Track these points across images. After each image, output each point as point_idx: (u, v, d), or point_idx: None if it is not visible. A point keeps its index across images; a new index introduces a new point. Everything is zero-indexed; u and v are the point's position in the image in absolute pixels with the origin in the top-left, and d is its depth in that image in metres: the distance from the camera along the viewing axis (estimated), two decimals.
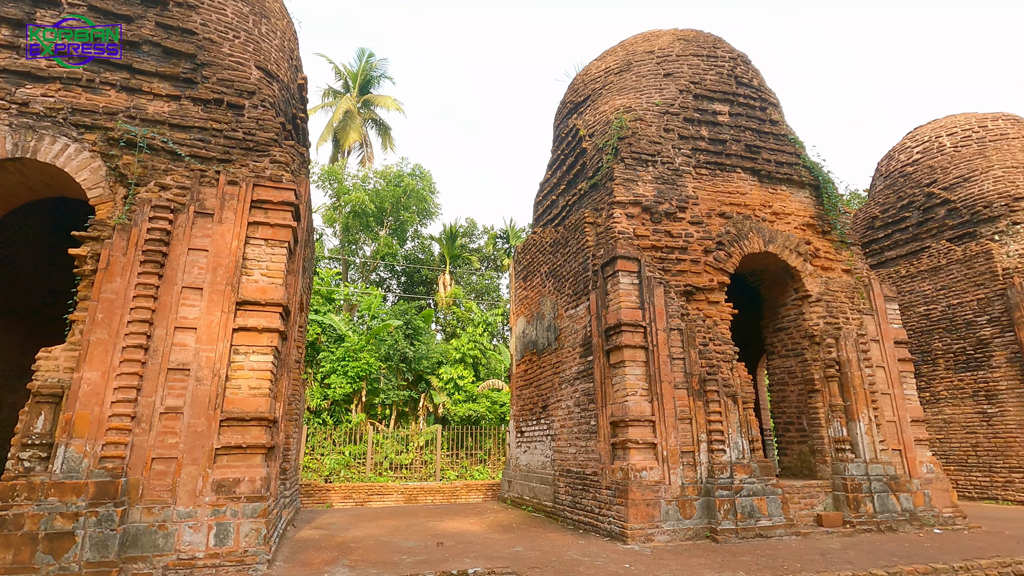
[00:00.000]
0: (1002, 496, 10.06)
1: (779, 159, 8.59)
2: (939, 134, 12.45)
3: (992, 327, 10.48)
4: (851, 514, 6.85)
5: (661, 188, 7.81)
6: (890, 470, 7.27)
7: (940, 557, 5.56)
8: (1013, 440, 10.01)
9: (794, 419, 8.06)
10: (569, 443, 7.85)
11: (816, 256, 8.20)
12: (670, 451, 6.50)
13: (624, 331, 6.74)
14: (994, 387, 10.36)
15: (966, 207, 11.39)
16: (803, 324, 7.98)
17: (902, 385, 7.92)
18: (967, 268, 11.00)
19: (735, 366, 7.08)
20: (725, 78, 8.98)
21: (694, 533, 6.24)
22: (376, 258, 26.65)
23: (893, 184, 13.07)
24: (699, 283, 7.38)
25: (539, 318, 9.38)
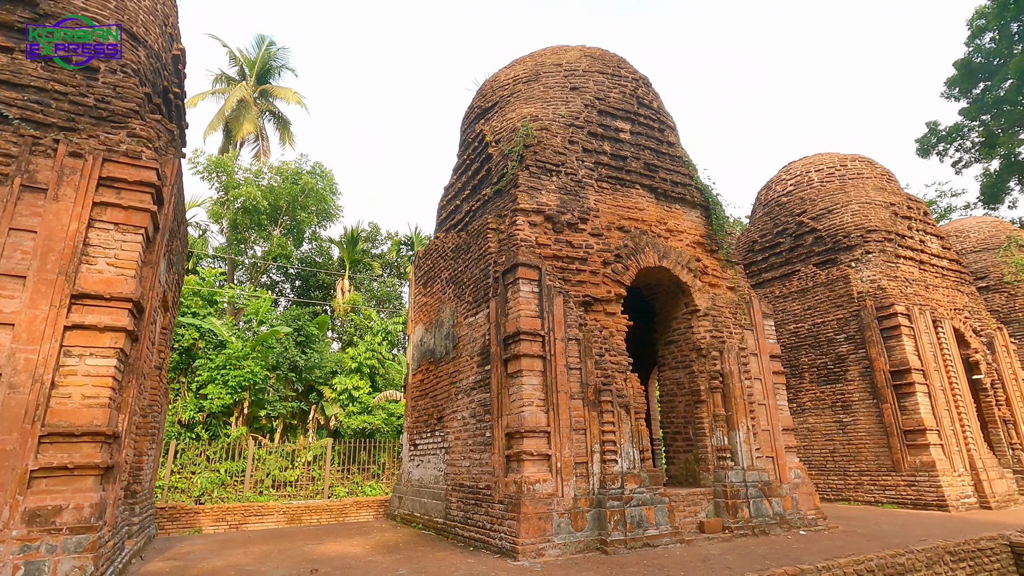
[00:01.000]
0: (853, 497, 11.13)
1: (674, 179, 8.99)
2: (808, 169, 13.81)
3: (848, 344, 11.66)
4: (730, 520, 7.16)
5: (564, 198, 7.83)
6: (764, 476, 7.72)
7: (806, 558, 5.91)
8: (863, 446, 11.14)
9: (681, 429, 8.36)
10: (463, 456, 7.55)
11: (705, 273, 8.63)
12: (564, 463, 6.42)
13: (523, 340, 6.61)
14: (849, 398, 11.50)
15: (829, 236, 12.66)
16: (692, 337, 8.33)
17: (775, 396, 8.50)
18: (829, 291, 12.20)
19: (629, 377, 7.19)
20: (628, 97, 9.28)
21: (585, 546, 6.17)
22: (268, 259, 24.82)
23: (770, 212, 14.27)
24: (597, 294, 7.44)
25: (438, 326, 9.04)
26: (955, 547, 6.84)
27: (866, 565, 5.96)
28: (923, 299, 11.70)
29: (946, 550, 6.74)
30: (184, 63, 7.41)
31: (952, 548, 6.79)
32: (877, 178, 13.28)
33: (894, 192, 13.19)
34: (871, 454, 11.01)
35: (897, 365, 10.74)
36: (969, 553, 6.94)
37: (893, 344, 10.89)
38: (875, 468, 10.90)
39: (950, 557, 6.77)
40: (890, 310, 10.96)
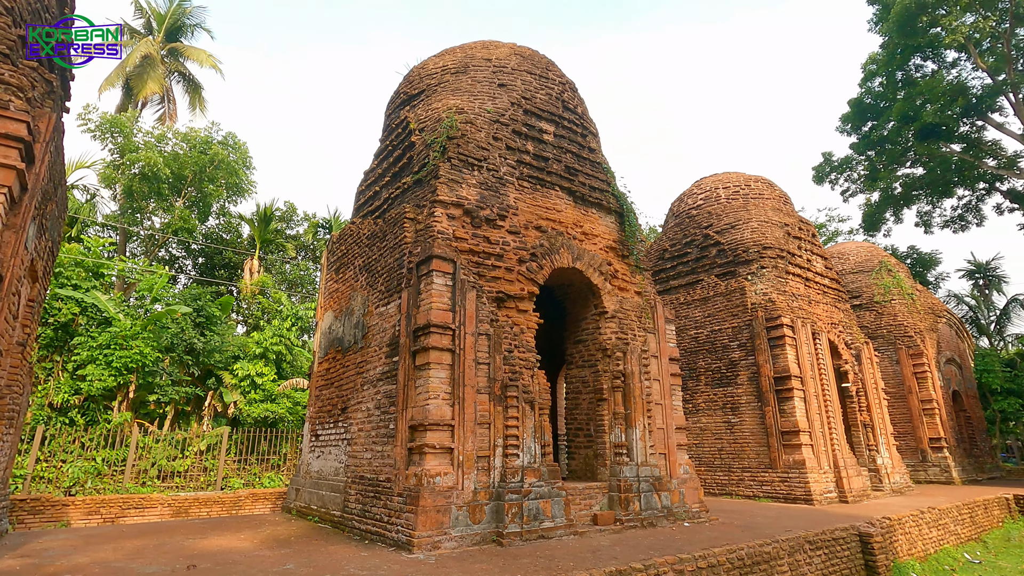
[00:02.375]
0: (735, 492, 12.08)
1: (593, 184, 9.28)
2: (717, 186, 14.75)
3: (741, 351, 12.61)
4: (622, 513, 7.54)
5: (484, 194, 7.86)
6: (656, 472, 8.19)
7: (686, 548, 6.34)
8: (747, 445, 12.11)
9: (584, 425, 8.67)
10: (366, 448, 7.40)
11: (615, 277, 8.99)
12: (467, 456, 6.47)
13: (433, 332, 6.57)
14: (738, 400, 12.45)
15: (731, 249, 13.60)
16: (599, 338, 8.66)
17: (672, 396, 9.03)
18: (727, 300, 13.11)
19: (536, 374, 7.35)
20: (554, 100, 9.45)
21: (482, 538, 6.26)
22: (168, 232, 22.93)
23: (681, 223, 15.11)
24: (511, 291, 7.54)
25: (348, 314, 8.78)
26: (814, 537, 7.60)
27: (737, 554, 6.49)
28: (806, 313, 12.87)
29: (806, 539, 7.47)
30: (72, 6, 6.67)
31: (811, 538, 7.54)
32: (775, 199, 14.43)
33: (789, 214, 14.39)
34: (753, 452, 11.99)
35: (780, 372, 11.76)
36: (825, 542, 7.74)
37: (778, 352, 11.90)
38: (756, 465, 11.87)
39: (809, 546, 7.51)
40: (777, 321, 11.97)
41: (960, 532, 10.81)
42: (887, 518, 8.90)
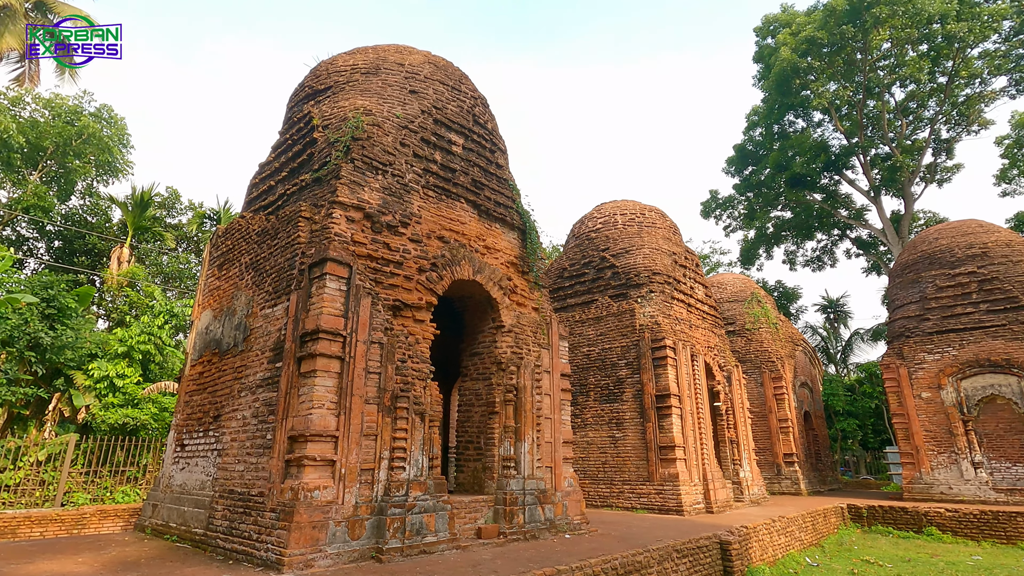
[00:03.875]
0: (616, 504, 12.65)
1: (498, 199, 9.42)
2: (615, 211, 15.59)
3: (627, 369, 13.31)
4: (506, 526, 7.61)
5: (388, 199, 7.69)
6: (541, 485, 8.38)
7: (565, 560, 6.52)
8: (628, 459, 12.76)
9: (474, 438, 8.68)
10: (239, 459, 6.86)
11: (514, 292, 9.15)
12: (350, 469, 6.21)
13: (322, 339, 6.27)
14: (622, 416, 13.10)
15: (624, 273, 14.39)
16: (494, 351, 8.75)
17: (561, 411, 9.31)
18: (618, 321, 13.82)
19: (429, 385, 7.26)
20: (465, 113, 9.52)
21: (360, 555, 6.02)
22: (17, 208, 20.01)
23: (581, 245, 15.76)
24: (409, 300, 7.42)
25: (229, 314, 8.15)
26: (681, 546, 8.14)
27: (611, 564, 6.78)
28: (687, 336, 13.90)
29: (674, 548, 7.98)
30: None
31: (679, 547, 8.07)
32: (666, 229, 15.51)
33: (677, 243, 15.53)
34: (634, 466, 12.65)
35: (661, 390, 12.56)
36: (691, 550, 8.32)
37: (661, 372, 12.71)
38: (635, 478, 12.53)
39: (677, 554, 8.03)
40: (662, 343, 12.80)
41: (804, 538, 12.10)
42: (744, 527, 9.76)
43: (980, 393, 15.16)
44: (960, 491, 14.82)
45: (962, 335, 15.67)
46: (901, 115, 33.04)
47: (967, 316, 15.80)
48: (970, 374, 15.35)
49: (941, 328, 16.08)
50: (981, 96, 31.15)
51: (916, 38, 30.09)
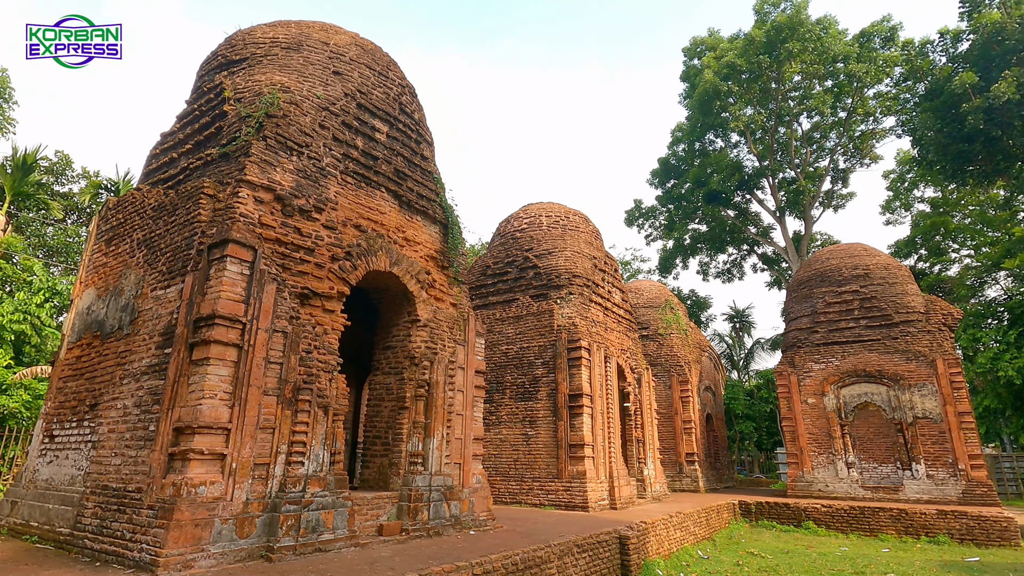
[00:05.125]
0: (525, 500, 12.83)
1: (421, 192, 9.27)
2: (540, 213, 15.81)
3: (543, 368, 13.55)
4: (409, 522, 7.49)
5: (302, 183, 7.35)
6: (448, 481, 8.33)
7: (466, 556, 6.51)
8: (539, 456, 12.98)
9: (383, 433, 8.49)
10: (116, 452, 6.30)
11: (432, 286, 9.04)
12: (242, 463, 5.87)
13: (218, 324, 5.88)
14: (536, 415, 13.32)
15: (546, 274, 14.63)
16: (408, 346, 8.60)
17: (474, 408, 9.31)
18: (538, 321, 14.03)
19: (336, 378, 7.01)
20: (391, 100, 9.28)
21: (248, 554, 5.70)
22: None
23: (505, 244, 15.85)
24: (319, 288, 7.12)
25: (116, 293, 7.46)
26: (582, 541, 8.38)
27: (512, 559, 6.86)
28: (602, 338, 14.34)
29: (575, 543, 8.20)
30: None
31: (580, 541, 8.31)
32: (588, 234, 15.93)
33: (598, 248, 15.99)
34: (544, 463, 12.89)
35: (575, 389, 12.88)
36: (591, 545, 8.58)
37: (575, 372, 13.04)
38: (545, 475, 12.78)
39: (577, 549, 8.26)
40: (577, 343, 13.13)
41: (698, 532, 12.85)
42: (644, 522, 10.21)
43: (856, 400, 16.78)
44: (835, 488, 16.32)
45: (844, 347, 17.26)
46: (806, 143, 35.92)
47: (849, 330, 17.42)
48: (849, 383, 16.94)
49: (827, 340, 17.63)
50: (873, 133, 34.49)
51: (823, 74, 32.82)
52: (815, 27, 31.16)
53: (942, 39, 27.50)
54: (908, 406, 15.89)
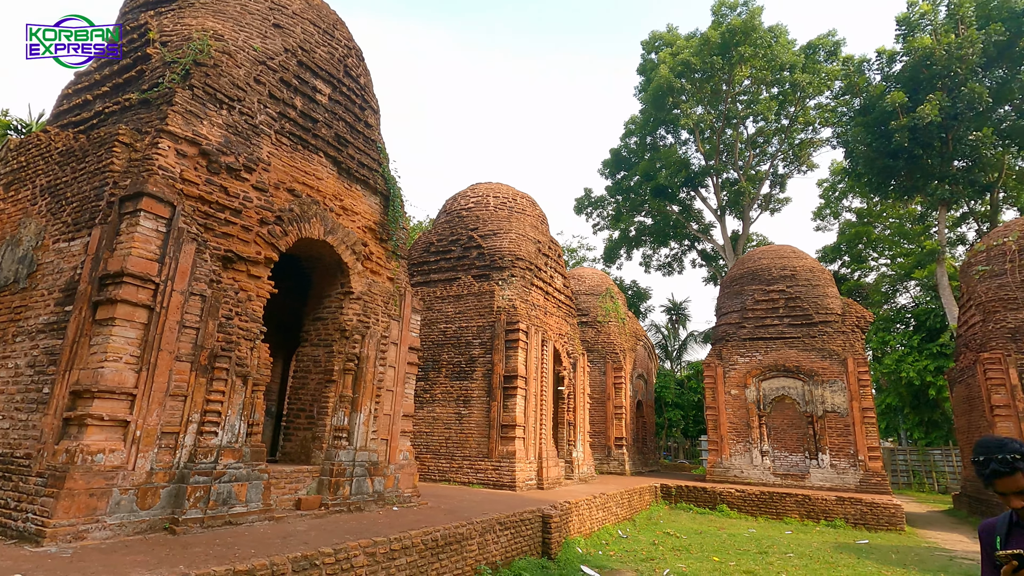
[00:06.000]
0: (454, 478, 12.89)
1: (363, 160, 8.95)
2: (488, 193, 15.68)
3: (481, 349, 13.55)
4: (329, 497, 7.35)
5: (232, 139, 6.91)
6: (374, 457, 8.22)
7: (385, 531, 6.45)
8: (471, 436, 13.04)
9: (307, 406, 8.25)
10: (5, 415, 5.80)
11: (369, 259, 8.79)
12: (148, 431, 5.54)
13: (127, 283, 5.48)
14: (471, 394, 13.34)
15: (490, 255, 14.57)
16: (340, 318, 8.35)
17: (405, 384, 9.19)
18: (478, 301, 13.99)
19: (258, 347, 6.72)
20: (336, 62, 8.86)
21: (150, 526, 5.41)
22: None
23: (451, 221, 15.64)
24: (245, 252, 6.77)
25: (13, 244, 6.82)
26: (505, 519, 8.50)
27: (432, 536, 6.86)
28: (541, 322, 14.48)
29: (498, 521, 8.31)
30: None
31: (502, 519, 8.42)
32: (535, 217, 15.96)
33: (544, 233, 16.05)
34: (475, 442, 12.96)
35: (510, 371, 12.97)
36: (514, 523, 8.72)
37: (511, 353, 13.11)
38: (476, 454, 12.86)
39: (500, 527, 8.37)
40: (516, 326, 13.20)
41: (619, 513, 13.33)
42: (568, 502, 10.48)
43: (774, 393, 17.80)
44: (749, 475, 17.33)
45: (768, 343, 18.22)
46: (750, 147, 37.32)
47: (773, 327, 18.39)
48: (769, 376, 17.94)
49: (753, 336, 18.56)
50: (812, 142, 36.25)
51: (770, 80, 34.06)
52: (767, 34, 32.24)
53: (878, 58, 29.10)
54: (820, 400, 17.01)
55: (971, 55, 24.48)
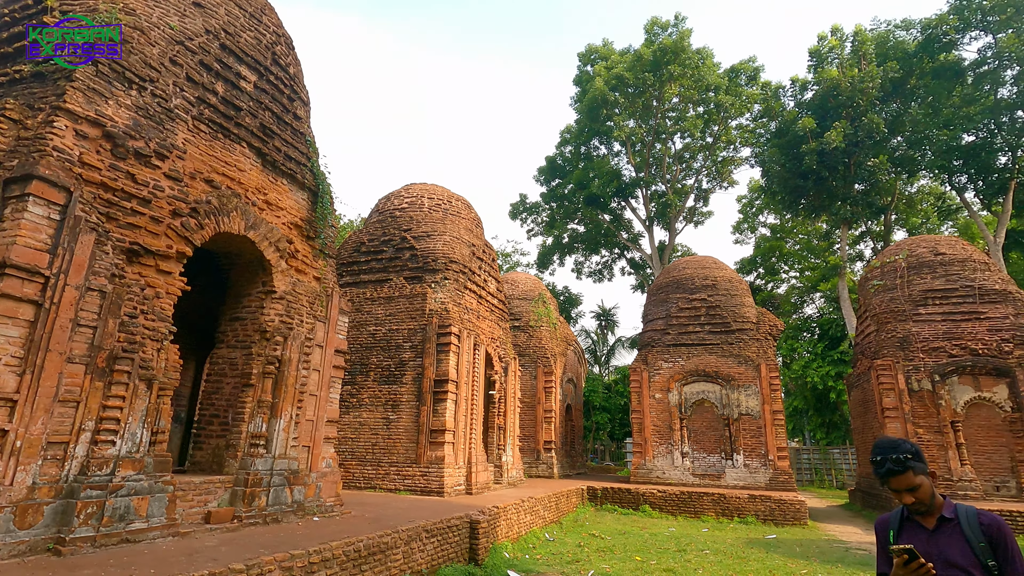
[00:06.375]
0: (380, 486, 12.52)
1: (291, 153, 8.54)
2: (423, 194, 15.45)
3: (411, 352, 13.28)
4: (244, 509, 6.90)
5: (142, 123, 6.37)
6: (294, 465, 7.81)
7: (303, 543, 6.14)
8: (399, 441, 12.73)
9: (221, 412, 7.73)
10: None
11: (294, 257, 8.39)
12: (30, 441, 4.96)
13: (8, 275, 4.89)
14: (400, 399, 13.03)
15: (423, 256, 14.34)
16: (260, 318, 7.90)
17: (330, 389, 8.83)
18: (410, 303, 13.72)
19: (166, 347, 6.21)
20: (263, 48, 8.41)
21: (30, 547, 4.84)
22: None
23: (383, 221, 15.27)
24: (153, 245, 6.25)
25: None
26: (432, 526, 8.33)
27: (355, 546, 6.60)
28: (473, 325, 14.40)
29: (424, 528, 8.13)
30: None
31: (429, 527, 8.25)
32: (470, 220, 15.88)
33: (478, 236, 16.00)
34: (403, 448, 12.66)
35: (441, 375, 12.79)
36: (440, 530, 8.57)
37: (443, 357, 12.94)
38: (403, 460, 12.56)
39: (426, 534, 8.19)
40: (448, 329, 13.04)
41: (547, 516, 13.45)
42: (496, 507, 10.43)
43: (695, 397, 18.65)
44: (670, 475, 18.03)
45: (690, 349, 19.08)
46: (677, 161, 39.12)
47: (695, 334, 19.29)
48: (691, 381, 18.78)
49: (677, 342, 19.37)
50: (733, 160, 38.50)
51: (697, 100, 35.88)
52: (695, 56, 33.96)
53: (792, 86, 31.41)
54: (736, 404, 18.00)
55: (871, 88, 26.93)
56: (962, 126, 26.30)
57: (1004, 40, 25.17)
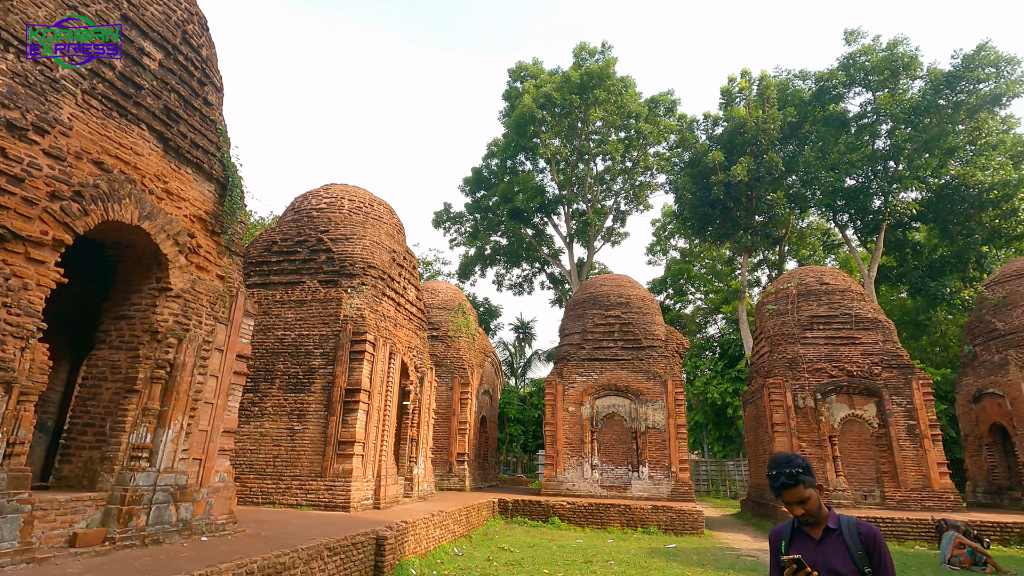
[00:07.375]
0: (280, 500, 11.75)
1: (198, 141, 7.90)
2: (343, 195, 14.91)
3: (322, 359, 12.66)
4: (118, 529, 6.18)
5: (19, 91, 5.63)
6: (182, 480, 7.13)
7: (187, 567, 5.58)
8: (304, 453, 12.04)
9: (98, 421, 6.91)
10: None
11: (195, 252, 7.73)
12: None
13: None
14: (307, 408, 12.35)
15: (340, 260, 13.78)
16: (152, 317, 7.18)
17: (229, 397, 8.18)
18: (323, 308, 13.10)
19: (32, 346, 5.47)
20: (173, 26, 7.76)
21: None
22: None
23: (299, 221, 14.55)
24: (24, 230, 5.50)
25: None
26: (335, 543, 7.90)
27: (248, 568, 6.10)
28: (390, 334, 14.00)
29: (326, 546, 7.69)
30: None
31: (331, 544, 7.82)
32: (391, 226, 15.50)
33: (399, 243, 15.65)
34: (308, 461, 11.99)
35: (353, 384, 12.28)
36: (344, 547, 8.15)
37: (356, 366, 12.44)
38: (307, 474, 11.88)
39: (328, 552, 7.75)
40: (363, 336, 12.58)
41: (457, 530, 13.23)
42: (404, 522, 10.10)
43: (606, 410, 19.23)
44: (580, 487, 18.40)
45: (603, 364, 19.69)
46: (599, 183, 40.62)
47: (609, 349, 19.95)
48: (603, 395, 19.36)
49: (592, 356, 19.93)
50: (649, 185, 40.55)
51: (619, 125, 37.52)
52: (619, 83, 35.56)
53: (704, 120, 33.72)
54: (643, 418, 18.75)
55: (772, 130, 29.49)
56: (845, 170, 29.40)
57: (881, 98, 28.56)
